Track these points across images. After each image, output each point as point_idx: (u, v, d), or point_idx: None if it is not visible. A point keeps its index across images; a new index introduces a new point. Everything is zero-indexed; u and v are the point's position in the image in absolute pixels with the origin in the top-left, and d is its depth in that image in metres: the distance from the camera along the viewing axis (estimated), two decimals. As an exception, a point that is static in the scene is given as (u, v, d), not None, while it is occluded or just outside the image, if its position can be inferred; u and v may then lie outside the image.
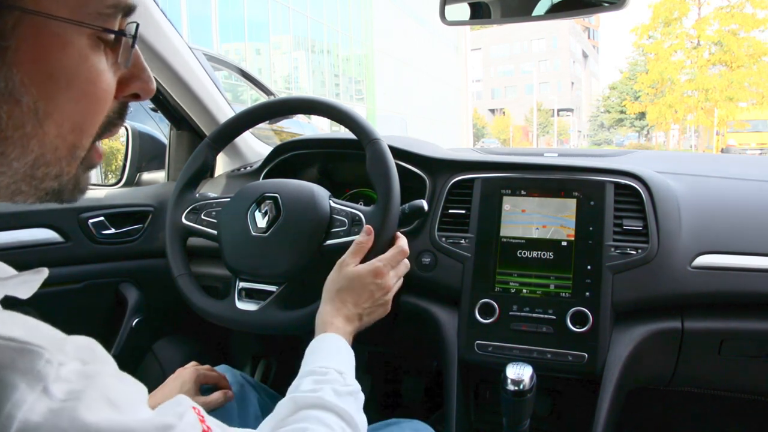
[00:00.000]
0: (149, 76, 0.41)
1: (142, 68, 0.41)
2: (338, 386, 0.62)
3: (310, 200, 0.87)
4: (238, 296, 0.89)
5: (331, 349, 0.69)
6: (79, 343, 0.34)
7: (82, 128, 0.37)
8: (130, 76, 0.40)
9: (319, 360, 0.67)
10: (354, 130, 0.90)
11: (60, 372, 0.31)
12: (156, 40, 1.11)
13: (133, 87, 0.41)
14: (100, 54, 0.36)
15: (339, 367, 0.65)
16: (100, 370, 0.34)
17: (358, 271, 0.76)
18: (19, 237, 1.06)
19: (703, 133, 20.47)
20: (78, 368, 0.32)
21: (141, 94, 0.41)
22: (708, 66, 18.26)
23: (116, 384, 0.34)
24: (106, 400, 0.32)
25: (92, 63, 0.36)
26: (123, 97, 0.41)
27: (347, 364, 0.68)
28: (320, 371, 0.64)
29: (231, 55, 15.21)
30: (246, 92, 10.18)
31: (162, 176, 1.41)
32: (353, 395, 0.63)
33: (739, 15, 16.90)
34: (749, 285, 0.87)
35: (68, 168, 0.37)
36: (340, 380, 0.63)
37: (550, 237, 0.95)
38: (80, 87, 0.35)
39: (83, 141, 0.37)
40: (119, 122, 0.41)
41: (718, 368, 0.97)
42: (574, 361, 0.89)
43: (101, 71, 0.36)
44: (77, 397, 0.31)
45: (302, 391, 0.61)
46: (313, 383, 0.62)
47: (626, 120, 35.25)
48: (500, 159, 1.08)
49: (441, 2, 0.99)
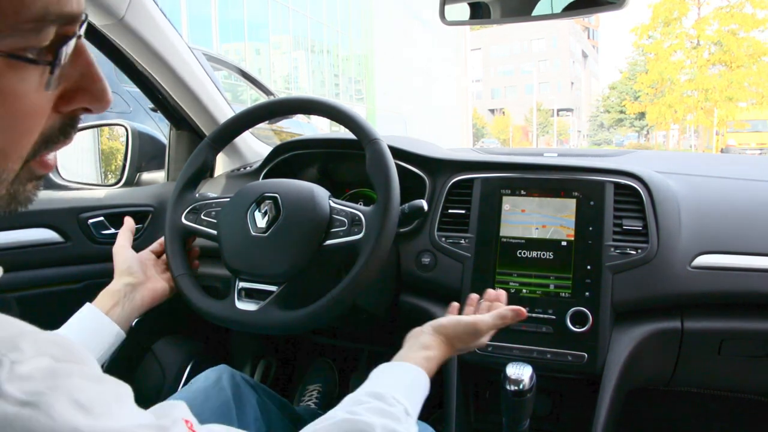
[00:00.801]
0: (102, 89, 0.36)
1: (94, 79, 0.36)
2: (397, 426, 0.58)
3: (310, 200, 0.87)
4: (237, 296, 0.89)
5: (413, 384, 0.66)
6: (44, 338, 0.32)
7: (6, 152, 0.33)
8: (77, 89, 0.35)
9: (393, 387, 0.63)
10: (354, 130, 0.90)
11: (15, 371, 0.28)
12: (156, 40, 1.11)
13: (79, 101, 0.36)
14: (23, 71, 0.31)
15: (410, 408, 0.62)
16: (71, 369, 0.31)
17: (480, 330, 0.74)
18: (19, 237, 1.06)
19: (702, 133, 20.48)
20: (45, 365, 0.30)
21: (92, 108, 0.36)
22: (708, 66, 18.26)
23: (89, 385, 0.31)
24: (74, 403, 0.29)
25: (9, 83, 0.31)
26: (67, 111, 0.36)
27: (417, 408, 0.65)
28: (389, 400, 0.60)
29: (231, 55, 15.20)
30: (246, 92, 10.18)
31: (162, 176, 1.41)
32: None
33: (739, 15, 16.89)
34: (749, 285, 0.87)
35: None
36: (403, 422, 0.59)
37: (549, 237, 0.95)
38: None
39: (8, 164, 0.33)
40: (62, 139, 0.37)
41: (718, 368, 0.97)
42: (573, 361, 0.89)
43: (23, 92, 0.32)
44: (38, 399, 0.28)
45: (359, 413, 0.57)
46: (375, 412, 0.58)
47: (626, 120, 35.25)
48: (500, 159, 1.08)
49: (441, 2, 0.99)
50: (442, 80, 31.98)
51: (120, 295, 0.83)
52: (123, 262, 0.86)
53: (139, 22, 1.06)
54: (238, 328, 0.89)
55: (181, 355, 1.34)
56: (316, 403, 1.41)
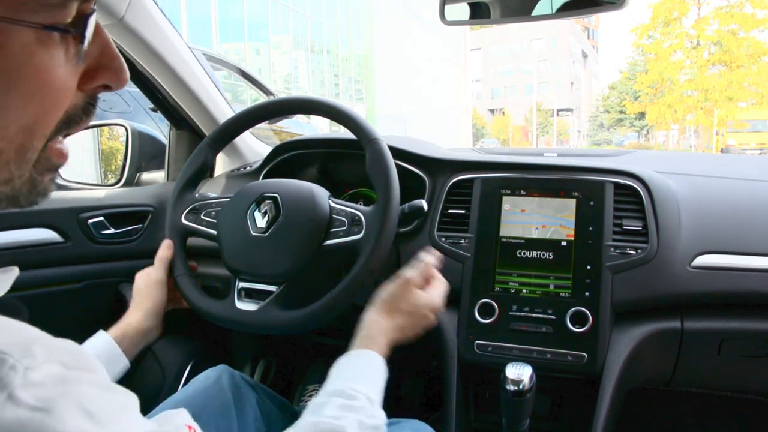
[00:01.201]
0: (120, 65, 0.38)
1: (112, 56, 0.37)
2: (364, 417, 0.58)
3: (310, 200, 0.87)
4: (237, 296, 0.89)
5: (368, 371, 0.66)
6: (57, 345, 0.32)
7: (32, 129, 0.34)
8: (98, 66, 0.37)
9: (351, 380, 0.64)
10: (353, 130, 0.90)
11: (29, 377, 0.29)
12: (156, 40, 1.11)
13: (100, 78, 0.37)
14: (52, 48, 0.33)
15: (371, 394, 0.62)
16: (80, 377, 0.32)
17: (430, 302, 0.76)
18: (19, 237, 1.06)
19: (702, 133, 20.47)
20: (56, 372, 0.30)
21: (111, 85, 0.38)
22: (707, 66, 18.26)
23: (97, 393, 0.32)
24: (83, 411, 0.30)
25: (40, 60, 0.32)
26: (90, 89, 0.37)
27: (379, 390, 0.65)
28: (350, 393, 0.60)
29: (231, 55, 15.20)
30: (246, 92, 10.18)
31: (162, 176, 1.41)
32: (378, 429, 0.60)
33: (739, 15, 16.89)
34: (749, 285, 0.87)
35: (18, 172, 0.34)
36: (368, 409, 0.60)
37: (549, 237, 0.96)
38: (27, 87, 0.32)
39: (33, 142, 0.34)
40: (84, 118, 0.38)
41: (717, 368, 0.97)
42: (573, 361, 0.89)
43: (52, 67, 0.33)
44: (48, 405, 0.29)
45: (325, 415, 0.57)
46: (339, 409, 0.58)
47: (626, 120, 35.25)
48: (500, 159, 1.08)
49: (441, 2, 0.99)
50: (442, 80, 31.97)
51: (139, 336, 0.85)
52: (155, 301, 0.88)
53: (139, 22, 1.06)
54: (238, 328, 0.89)
55: (181, 355, 1.33)
56: (316, 403, 1.41)
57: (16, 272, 0.38)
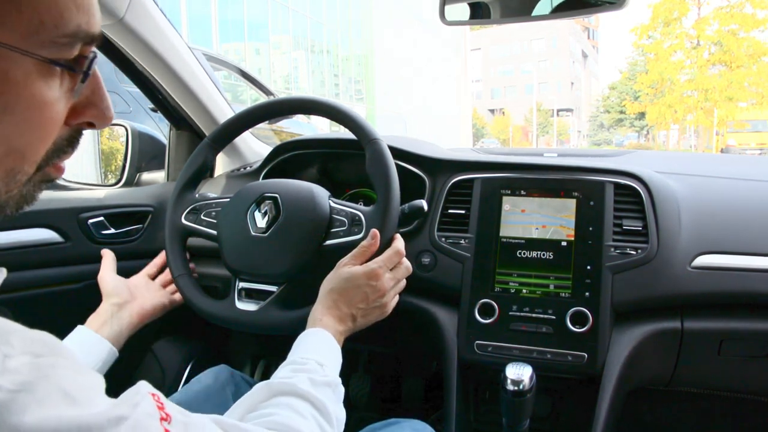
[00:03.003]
0: (107, 106, 0.40)
1: (101, 97, 0.40)
2: (315, 376, 0.62)
3: (310, 200, 0.87)
4: (237, 296, 0.89)
5: (314, 342, 0.70)
6: (30, 336, 0.33)
7: (24, 154, 0.36)
8: (87, 104, 0.39)
9: (300, 351, 0.68)
10: (353, 130, 0.90)
11: (6, 364, 0.30)
12: (156, 40, 1.11)
13: (86, 115, 0.39)
14: (51, 80, 0.35)
15: (319, 359, 0.66)
16: (54, 362, 0.33)
17: (353, 272, 0.77)
18: (19, 237, 1.06)
19: (702, 133, 20.47)
20: (29, 361, 0.31)
21: (96, 123, 0.40)
22: (708, 66, 18.26)
23: (72, 376, 0.33)
24: (62, 393, 0.31)
25: (38, 90, 0.34)
26: (75, 124, 0.39)
27: (329, 357, 0.68)
28: (300, 361, 0.65)
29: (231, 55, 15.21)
30: (246, 92, 10.18)
31: (162, 176, 1.41)
32: (331, 386, 0.63)
33: (739, 15, 16.90)
34: (749, 285, 0.87)
35: (6, 188, 0.36)
36: (319, 371, 0.64)
37: (549, 237, 0.95)
38: (22, 113, 0.34)
39: (24, 167, 0.36)
40: (69, 150, 0.40)
41: (717, 368, 0.97)
42: (573, 362, 0.89)
43: (48, 99, 0.35)
44: (28, 389, 0.30)
45: (277, 377, 0.62)
46: (290, 371, 0.63)
47: (626, 120, 35.26)
48: (500, 159, 1.08)
49: (441, 2, 0.99)
50: (442, 80, 31.97)
51: (107, 315, 0.90)
52: (107, 285, 0.95)
53: (139, 22, 1.06)
54: (238, 328, 0.89)
55: (181, 355, 1.33)
56: (315, 403, 1.41)
57: (3, 273, 0.40)
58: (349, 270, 0.77)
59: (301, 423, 0.55)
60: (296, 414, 0.56)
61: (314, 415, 0.57)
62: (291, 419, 0.55)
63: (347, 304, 0.76)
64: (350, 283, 0.76)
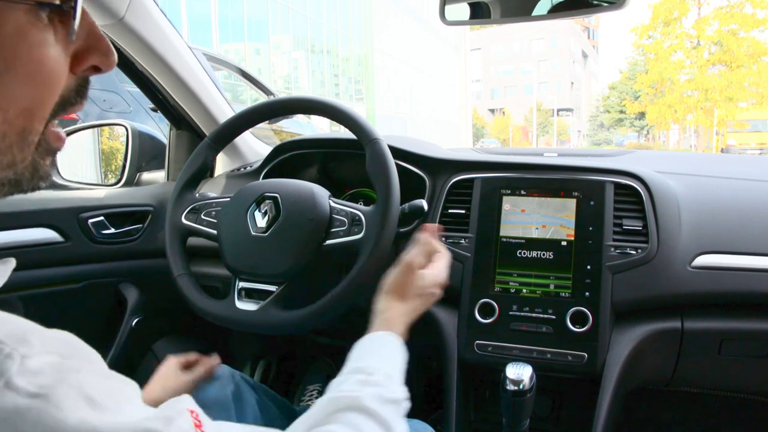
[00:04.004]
0: (108, 46, 0.38)
1: (98, 37, 0.38)
2: (383, 392, 0.59)
3: (310, 200, 0.87)
4: (237, 296, 0.89)
5: (385, 351, 0.67)
6: (53, 336, 0.32)
7: (32, 111, 0.34)
8: (87, 48, 0.37)
9: (368, 358, 0.64)
10: (354, 130, 0.90)
11: (26, 365, 0.29)
12: (156, 40, 1.11)
13: (90, 59, 0.38)
14: (43, 29, 0.33)
15: (388, 371, 0.63)
16: (79, 366, 0.31)
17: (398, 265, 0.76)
18: (19, 237, 1.06)
19: (702, 133, 20.46)
20: (53, 361, 0.30)
21: (101, 66, 0.39)
22: (708, 66, 18.25)
23: (96, 380, 0.32)
24: (84, 398, 0.30)
25: (33, 40, 0.33)
26: (81, 71, 0.38)
27: (397, 368, 0.65)
28: (368, 371, 0.61)
29: (231, 55, 15.21)
30: (246, 92, 10.17)
31: (162, 176, 1.41)
32: (398, 404, 0.60)
33: (739, 15, 16.88)
34: (749, 285, 0.87)
35: (21, 155, 0.35)
36: (387, 386, 0.60)
37: (549, 237, 0.95)
38: (24, 69, 0.33)
39: (34, 125, 0.35)
40: (78, 100, 0.39)
41: (718, 368, 0.97)
42: (573, 361, 0.89)
43: (45, 47, 0.34)
44: (47, 392, 0.29)
45: (343, 390, 0.58)
46: (358, 384, 0.59)
47: (626, 120, 35.23)
48: (500, 159, 1.08)
49: (441, 2, 0.99)
50: (442, 80, 31.97)
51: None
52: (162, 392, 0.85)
53: (139, 22, 1.06)
54: (238, 328, 0.89)
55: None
56: (316, 403, 1.41)
57: (12, 263, 0.39)
58: (432, 275, 0.76)
59: None
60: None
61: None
62: None
63: (417, 311, 0.74)
64: (426, 290, 0.75)
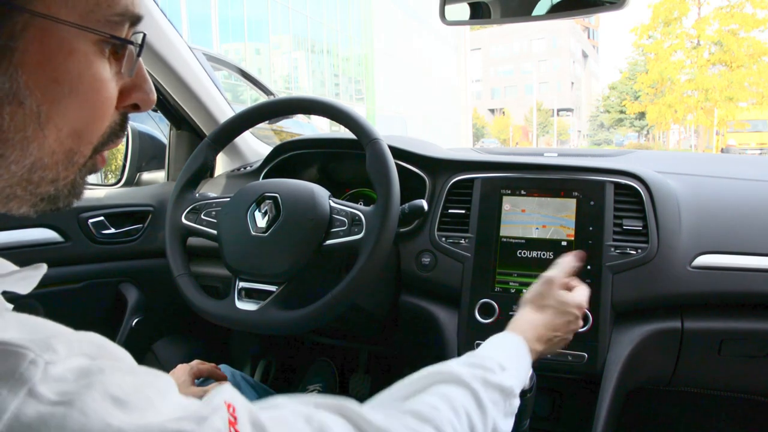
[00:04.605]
0: (151, 88, 0.42)
1: (145, 79, 0.41)
2: (489, 375, 0.55)
3: (310, 200, 0.87)
4: (237, 296, 0.89)
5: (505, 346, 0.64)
6: (80, 338, 0.32)
7: (82, 135, 0.37)
8: (132, 86, 0.40)
9: (484, 350, 0.62)
10: (354, 130, 0.90)
11: (49, 372, 0.28)
12: (156, 40, 1.11)
13: (134, 97, 0.41)
14: (104, 61, 0.36)
15: (503, 362, 0.59)
16: (104, 365, 0.31)
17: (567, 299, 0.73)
18: (19, 237, 1.06)
19: (703, 133, 20.46)
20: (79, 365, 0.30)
21: (141, 105, 0.42)
22: (708, 66, 18.24)
23: (123, 378, 0.31)
24: (110, 399, 0.29)
25: (97, 70, 0.36)
26: (123, 107, 0.41)
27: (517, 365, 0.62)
28: (478, 356, 0.59)
29: (231, 55, 15.20)
30: (246, 92, 10.18)
31: (162, 176, 1.41)
32: (504, 392, 0.56)
33: (739, 15, 16.88)
34: (749, 285, 0.87)
35: (65, 173, 0.37)
36: (497, 371, 0.56)
37: (549, 237, 0.95)
38: (84, 93, 0.35)
39: (82, 148, 0.37)
40: (121, 134, 0.42)
41: (718, 368, 0.97)
42: (574, 361, 0.89)
43: (105, 79, 0.37)
44: (71, 399, 0.28)
45: (449, 365, 0.55)
46: (463, 365, 0.56)
47: (626, 120, 35.24)
48: (500, 159, 1.08)
49: (441, 2, 0.99)
50: (443, 80, 31.97)
51: None
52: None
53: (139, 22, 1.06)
54: (238, 328, 0.89)
55: (181, 355, 1.33)
56: (316, 403, 1.41)
57: (44, 269, 0.39)
58: (573, 296, 0.74)
59: (445, 417, 0.48)
60: (446, 404, 0.49)
61: (469, 413, 0.50)
62: (434, 411, 0.48)
63: (554, 328, 0.72)
64: (566, 307, 0.73)
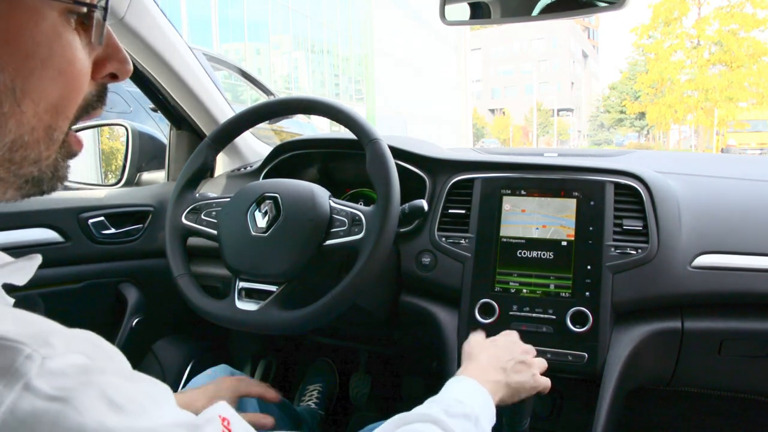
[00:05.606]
0: (125, 56, 0.41)
1: (117, 48, 0.41)
2: (450, 408, 0.59)
3: (310, 200, 0.87)
4: (238, 296, 0.89)
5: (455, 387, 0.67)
6: (78, 336, 0.32)
7: (59, 109, 0.36)
8: (105, 57, 0.40)
9: (439, 394, 0.65)
10: (354, 130, 0.90)
11: (46, 366, 0.28)
12: (156, 40, 1.11)
13: (109, 67, 0.40)
14: (72, 33, 0.36)
15: (459, 396, 0.63)
16: (104, 367, 0.31)
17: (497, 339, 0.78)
18: (19, 237, 1.06)
19: (703, 133, 20.45)
20: (77, 362, 0.30)
21: (118, 74, 0.41)
22: (708, 66, 18.24)
23: (122, 383, 0.31)
24: (106, 401, 0.29)
25: (66, 41, 0.35)
26: (100, 78, 0.40)
27: (472, 396, 0.65)
28: (437, 399, 0.62)
29: (231, 55, 15.21)
30: (246, 92, 10.17)
31: (162, 176, 1.41)
32: (469, 419, 0.59)
33: (739, 15, 16.88)
34: (749, 285, 0.87)
35: (47, 152, 0.37)
36: (455, 404, 0.60)
37: (550, 237, 0.96)
38: (57, 66, 0.35)
39: (60, 122, 0.37)
40: (98, 105, 0.41)
41: (718, 368, 0.97)
42: (574, 361, 0.89)
43: (75, 48, 0.36)
44: (67, 395, 0.28)
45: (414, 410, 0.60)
46: (424, 408, 0.60)
47: (626, 120, 35.22)
48: (500, 159, 1.08)
49: (441, 2, 0.99)
50: (443, 80, 31.97)
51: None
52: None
53: (139, 22, 1.06)
54: (238, 328, 0.89)
55: (181, 355, 1.34)
56: (316, 403, 1.41)
57: (38, 260, 0.40)
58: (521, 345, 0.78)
59: None
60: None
61: None
62: None
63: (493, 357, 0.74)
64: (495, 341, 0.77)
